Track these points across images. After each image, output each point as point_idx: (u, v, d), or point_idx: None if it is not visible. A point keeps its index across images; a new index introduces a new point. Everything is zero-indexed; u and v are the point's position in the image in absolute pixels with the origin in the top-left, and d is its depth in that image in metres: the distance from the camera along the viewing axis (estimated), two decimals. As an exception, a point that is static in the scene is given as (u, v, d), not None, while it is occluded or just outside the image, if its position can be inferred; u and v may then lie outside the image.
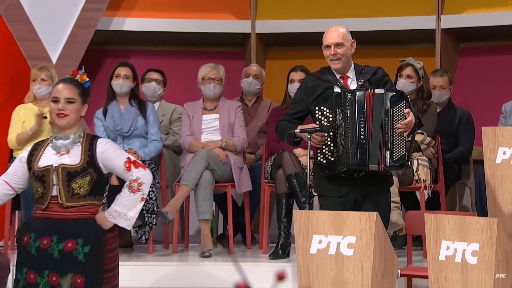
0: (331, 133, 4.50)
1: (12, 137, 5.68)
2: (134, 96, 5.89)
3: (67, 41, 6.49)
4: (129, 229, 4.03)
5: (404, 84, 5.80)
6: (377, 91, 4.51)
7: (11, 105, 5.88)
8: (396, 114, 4.48)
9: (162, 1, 7.19)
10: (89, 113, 6.27)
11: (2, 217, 5.76)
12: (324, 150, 4.53)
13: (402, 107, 4.49)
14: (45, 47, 6.41)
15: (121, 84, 5.82)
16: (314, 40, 5.65)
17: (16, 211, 5.73)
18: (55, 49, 6.46)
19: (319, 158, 4.56)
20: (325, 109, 4.52)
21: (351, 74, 4.65)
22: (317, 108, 4.54)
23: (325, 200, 4.62)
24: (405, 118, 4.46)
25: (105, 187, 3.96)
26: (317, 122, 4.52)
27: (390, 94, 4.51)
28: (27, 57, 6.33)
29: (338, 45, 4.57)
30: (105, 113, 5.85)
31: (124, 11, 7.08)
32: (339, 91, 4.54)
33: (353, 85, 4.62)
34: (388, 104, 4.48)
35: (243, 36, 7.36)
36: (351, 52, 4.63)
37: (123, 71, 5.84)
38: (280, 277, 1.18)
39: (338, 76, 4.62)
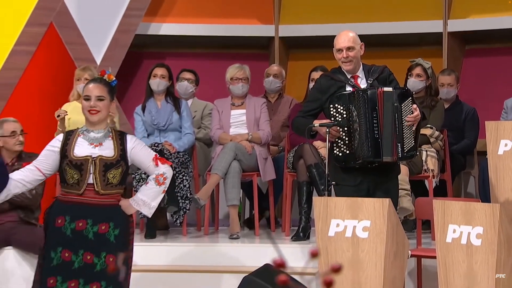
0: (345, 128, 4.49)
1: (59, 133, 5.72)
2: (170, 93, 5.90)
3: (110, 45, 6.52)
4: (149, 216, 4.04)
5: (414, 83, 5.78)
6: (385, 89, 4.48)
7: (60, 103, 5.91)
8: (404, 110, 4.46)
9: (195, 8, 7.21)
10: (129, 109, 6.35)
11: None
12: (339, 144, 4.52)
13: (409, 103, 4.47)
14: (90, 50, 6.43)
15: (158, 83, 5.83)
16: (332, 43, 5.63)
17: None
18: (99, 51, 6.48)
19: (335, 151, 4.55)
20: (339, 106, 4.50)
21: (360, 73, 4.64)
22: (331, 106, 4.53)
23: (341, 188, 4.61)
24: (412, 113, 4.45)
25: (127, 177, 3.99)
26: (332, 119, 4.50)
27: (397, 91, 4.49)
28: (74, 59, 6.35)
29: (349, 48, 4.56)
30: (143, 109, 5.87)
31: (161, 18, 7.11)
32: (351, 90, 4.53)
33: (363, 84, 4.60)
34: (397, 101, 4.46)
35: (268, 39, 7.36)
36: (360, 54, 4.62)
37: (159, 71, 5.85)
38: (314, 254, 1.13)
39: (349, 76, 4.61)
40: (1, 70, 6.12)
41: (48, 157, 3.87)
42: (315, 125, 4.52)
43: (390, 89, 4.49)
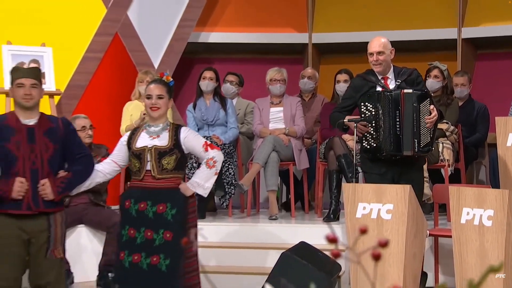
0: (373, 124, 4.46)
1: (123, 128, 5.74)
2: (217, 93, 5.90)
3: (166, 51, 6.53)
4: (205, 196, 3.99)
5: (432, 83, 5.72)
6: (406, 91, 4.41)
7: (123, 101, 5.97)
8: (422, 110, 4.40)
9: (239, 19, 7.22)
10: (182, 107, 6.39)
11: (118, 187, 5.88)
12: (368, 138, 4.49)
13: (427, 103, 4.40)
14: (149, 56, 6.46)
15: (206, 84, 5.85)
16: (359, 49, 5.58)
17: (128, 182, 5.83)
18: (156, 57, 6.50)
19: (364, 144, 4.52)
20: (368, 104, 4.47)
21: (390, 75, 4.57)
22: (362, 103, 4.49)
23: (369, 176, 4.59)
24: (430, 113, 4.39)
25: (186, 164, 3.98)
26: (362, 115, 4.48)
27: (417, 93, 4.41)
28: (136, 64, 6.39)
29: (379, 53, 4.49)
30: (194, 106, 5.89)
31: (209, 27, 7.12)
32: (380, 90, 4.49)
33: (392, 85, 4.53)
34: (416, 102, 4.40)
35: (302, 46, 7.33)
36: (390, 58, 4.55)
37: (208, 74, 5.85)
38: (363, 230, 1.14)
39: (380, 77, 4.56)
40: (74, 74, 6.19)
41: (120, 151, 3.93)
42: (345, 120, 4.51)
43: (410, 90, 4.42)
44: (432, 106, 4.39)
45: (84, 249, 5.20)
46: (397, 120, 4.41)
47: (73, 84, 6.18)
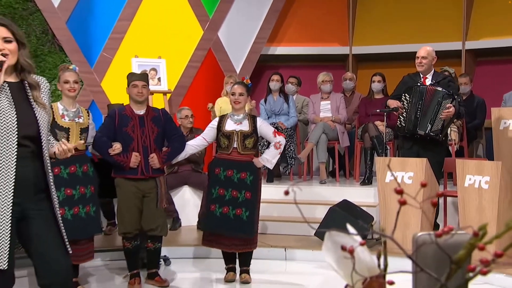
0: (406, 109, 4.45)
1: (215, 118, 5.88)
2: (282, 91, 5.91)
3: (245, 61, 6.59)
4: (271, 168, 4.02)
5: (443, 83, 5.65)
6: (437, 88, 4.38)
7: (214, 97, 6.05)
8: (443, 106, 4.37)
9: (299, 37, 7.21)
10: (256, 101, 6.48)
11: (211, 159, 6.02)
12: (401, 119, 4.51)
13: (448, 101, 4.36)
14: (233, 64, 6.53)
15: (274, 84, 5.87)
16: (387, 58, 5.58)
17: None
18: (238, 65, 6.56)
19: (398, 124, 4.54)
20: (407, 95, 4.47)
21: (429, 76, 4.52)
22: (403, 94, 4.50)
23: (402, 150, 4.59)
24: (448, 109, 4.36)
25: (259, 144, 3.98)
26: (401, 102, 4.49)
27: (444, 92, 4.36)
28: (223, 70, 6.46)
29: (423, 57, 4.47)
30: (265, 101, 5.97)
31: (277, 43, 7.13)
32: (417, 85, 4.46)
33: (428, 83, 4.49)
34: (441, 98, 4.37)
35: (345, 56, 7.29)
36: (432, 63, 4.50)
37: (275, 77, 5.87)
38: (423, 184, 0.97)
39: (421, 76, 4.53)
40: (180, 78, 6.29)
41: (210, 131, 3.97)
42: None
43: (440, 88, 4.38)
44: (449, 105, 4.32)
45: (188, 203, 5.34)
46: (419, 107, 4.40)
47: (180, 85, 6.30)
